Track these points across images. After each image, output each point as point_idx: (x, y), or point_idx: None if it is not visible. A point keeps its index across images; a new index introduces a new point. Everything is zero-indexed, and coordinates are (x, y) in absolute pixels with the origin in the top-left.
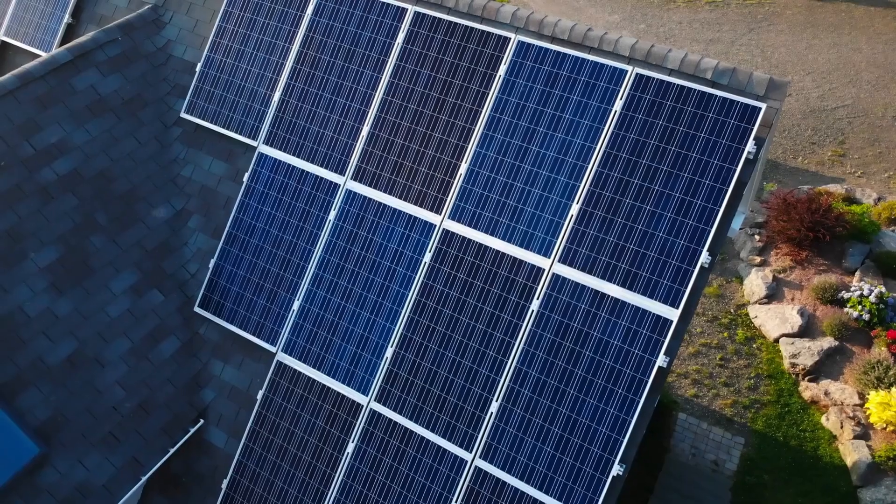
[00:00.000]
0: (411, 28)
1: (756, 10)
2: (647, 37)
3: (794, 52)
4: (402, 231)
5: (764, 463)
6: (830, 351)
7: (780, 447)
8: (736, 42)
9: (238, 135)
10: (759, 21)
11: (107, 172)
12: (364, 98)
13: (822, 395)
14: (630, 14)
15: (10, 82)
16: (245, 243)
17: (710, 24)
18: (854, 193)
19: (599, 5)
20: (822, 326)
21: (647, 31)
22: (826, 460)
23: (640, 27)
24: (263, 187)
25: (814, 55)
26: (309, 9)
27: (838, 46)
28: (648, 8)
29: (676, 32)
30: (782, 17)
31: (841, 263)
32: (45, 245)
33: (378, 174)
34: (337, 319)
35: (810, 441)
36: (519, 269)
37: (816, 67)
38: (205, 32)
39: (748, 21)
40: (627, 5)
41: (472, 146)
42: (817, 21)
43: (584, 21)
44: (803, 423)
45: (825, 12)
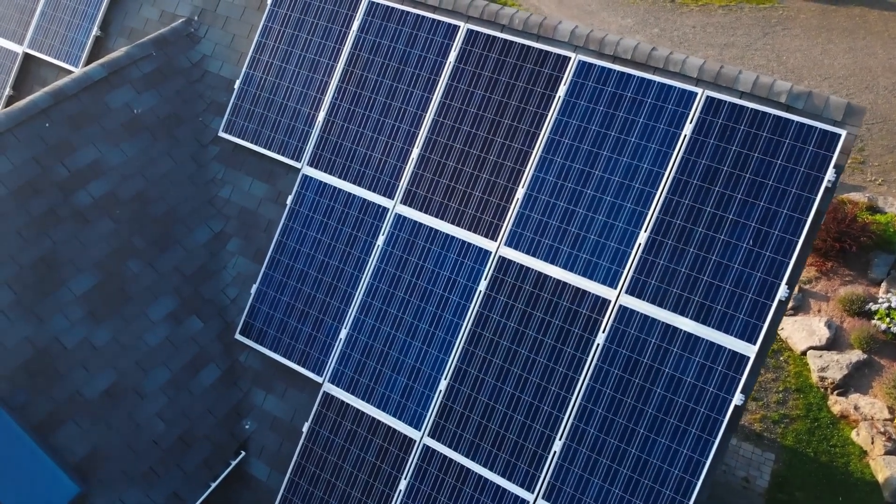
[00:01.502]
0: (464, 46)
1: (770, 13)
2: (661, 41)
3: (810, 58)
4: (455, 258)
5: (795, 479)
6: (859, 364)
7: (811, 463)
8: (751, 47)
9: (280, 155)
10: (773, 25)
11: (143, 194)
12: (414, 119)
13: (851, 409)
14: (643, 18)
15: (42, 100)
16: (289, 268)
17: (724, 28)
18: (877, 202)
19: (612, 9)
20: (850, 339)
21: (661, 35)
22: (857, 476)
23: (653, 31)
24: (308, 210)
25: (829, 60)
26: (354, 25)
27: (854, 51)
28: (661, 12)
29: (690, 37)
30: (796, 21)
31: (866, 274)
32: (81, 272)
33: (429, 198)
34: (387, 349)
35: (841, 457)
36: (582, 299)
37: (832, 73)
38: (242, 48)
39: (762, 25)
40: (640, 9)
41: (529, 170)
42: (831, 25)
43: (597, 25)
44: (833, 439)
45: (839, 16)
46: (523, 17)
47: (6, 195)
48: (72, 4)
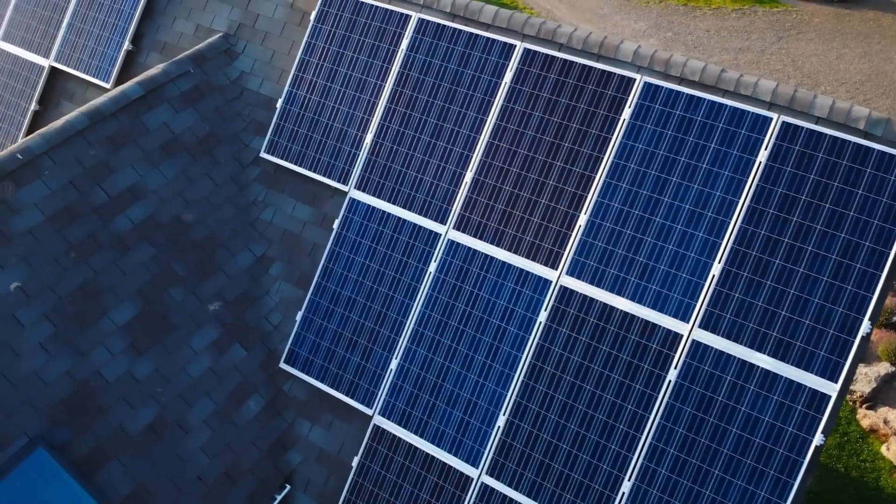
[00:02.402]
0: (520, 66)
1: (784, 17)
2: (674, 45)
3: (825, 62)
4: (513, 286)
5: (826, 495)
6: (888, 377)
7: (842, 479)
8: (766, 51)
9: (326, 178)
10: (787, 29)
11: (183, 218)
12: (467, 141)
13: (881, 423)
14: (656, 21)
15: (79, 121)
16: (336, 295)
17: (738, 32)
18: None
19: (625, 12)
20: (878, 351)
21: (675, 39)
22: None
23: (667, 35)
24: (355, 235)
25: (845, 65)
26: (403, 44)
27: (869, 56)
28: (674, 15)
29: (705, 41)
30: (810, 25)
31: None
32: (121, 301)
33: (484, 224)
34: (441, 381)
35: (871, 472)
36: (652, 333)
37: (849, 78)
38: (283, 65)
39: (776, 29)
40: (653, 13)
41: (592, 196)
42: (846, 30)
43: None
44: (863, 454)
45: (853, 21)
46: (582, 36)
47: (43, 222)
48: (101, 17)
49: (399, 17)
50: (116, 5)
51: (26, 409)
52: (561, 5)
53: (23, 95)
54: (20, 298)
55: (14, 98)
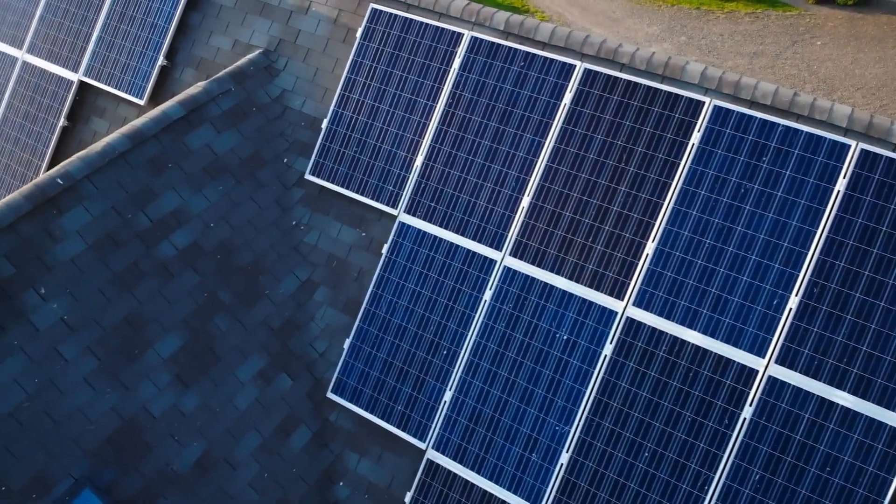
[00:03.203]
0: (580, 87)
1: (797, 21)
2: (688, 50)
3: (841, 67)
4: (575, 317)
5: None
6: None
7: None
8: (780, 56)
9: (373, 201)
10: (801, 33)
11: (228, 243)
12: (524, 165)
13: None
14: (669, 25)
15: (120, 143)
16: (385, 322)
17: (751, 36)
18: None
19: (637, 16)
20: None
21: (689, 43)
22: None
23: (680, 39)
24: (405, 261)
25: (861, 70)
26: (455, 63)
27: (884, 61)
28: (687, 19)
29: (718, 45)
30: (824, 29)
31: None
32: (167, 332)
33: (542, 251)
34: (498, 415)
35: None
36: (726, 368)
37: (864, 83)
38: (326, 83)
39: (790, 33)
40: (665, 16)
41: (660, 223)
42: (860, 34)
43: (623, 33)
44: None
45: (867, 25)
46: (645, 56)
47: (85, 250)
48: (133, 31)
49: (451, 36)
50: (150, 19)
51: (71, 449)
52: (572, 9)
53: (50, 111)
54: (63, 331)
55: (41, 113)
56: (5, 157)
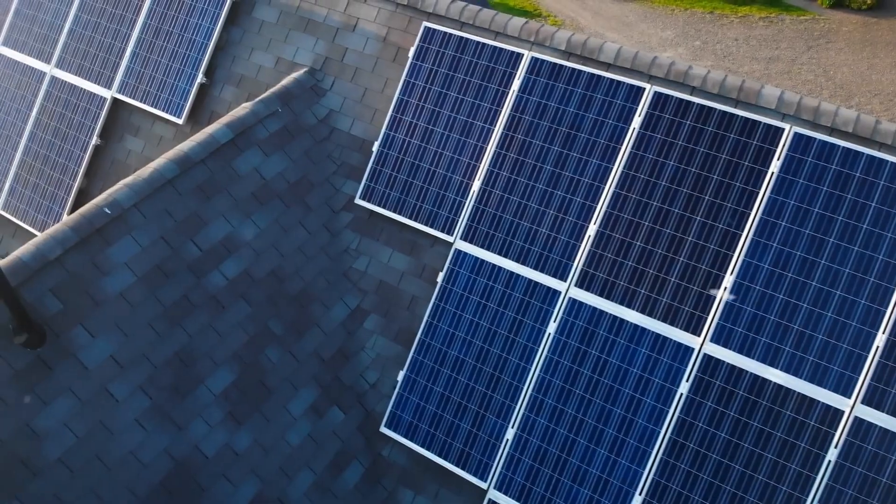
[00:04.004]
0: (650, 111)
1: (811, 26)
2: (703, 54)
3: (857, 73)
4: (647, 353)
5: None
6: None
7: None
8: (796, 61)
9: (427, 227)
10: (816, 38)
11: (278, 271)
12: (590, 191)
13: None
14: (683, 30)
15: (168, 169)
16: (441, 354)
17: (766, 41)
18: None
19: (650, 20)
20: None
21: (703, 48)
22: None
23: (695, 44)
24: (462, 290)
25: (877, 75)
26: (514, 85)
27: None
28: (701, 23)
29: (734, 50)
30: (839, 34)
31: None
32: (218, 366)
33: (611, 282)
34: (565, 455)
35: None
36: (809, 409)
37: (881, 89)
38: (376, 104)
39: (805, 38)
40: (679, 21)
41: (738, 255)
42: (875, 39)
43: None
44: None
45: (881, 30)
46: (718, 79)
47: (135, 283)
48: (170, 46)
49: (509, 56)
50: (187, 34)
51: (124, 495)
52: (585, 13)
53: (82, 128)
54: (113, 369)
55: (72, 131)
56: (34, 175)
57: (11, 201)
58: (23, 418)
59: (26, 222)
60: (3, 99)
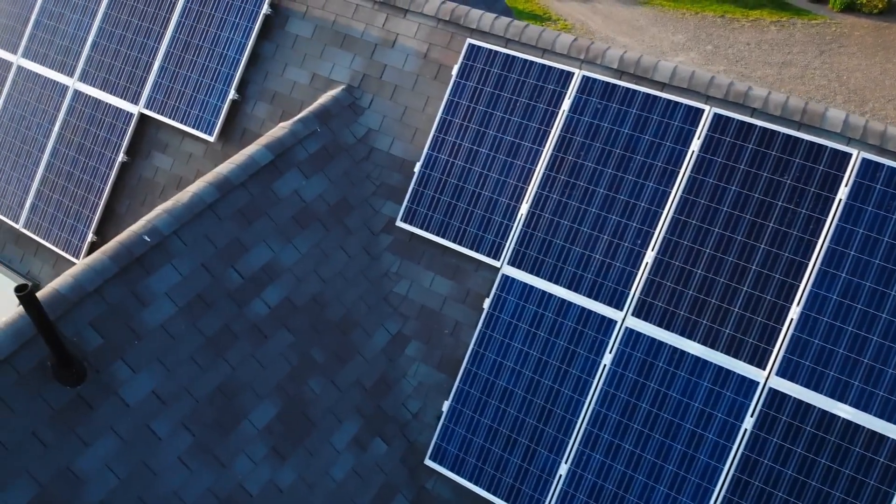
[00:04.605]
0: (710, 133)
1: (823, 30)
2: (715, 59)
3: (870, 78)
4: (710, 386)
5: None
6: None
7: None
8: (809, 66)
9: (472, 250)
10: (828, 43)
11: (319, 297)
12: (647, 216)
13: None
14: (694, 34)
15: (208, 193)
16: (488, 384)
17: (778, 45)
18: None
19: (661, 24)
20: None
21: (715, 52)
22: None
23: (706, 48)
24: (510, 317)
25: (891, 81)
26: (565, 104)
27: None
28: (713, 27)
29: (746, 55)
30: (851, 38)
31: None
32: (261, 399)
33: (670, 311)
34: (622, 492)
35: None
36: (880, 445)
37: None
38: (417, 123)
39: (817, 43)
40: (690, 24)
41: (805, 285)
42: (888, 43)
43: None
44: None
45: (893, 34)
46: (780, 101)
47: (176, 314)
48: (200, 61)
49: (559, 74)
50: (218, 49)
51: None
52: (595, 17)
53: (108, 145)
54: (155, 405)
55: (97, 147)
56: (57, 192)
57: (33, 218)
58: (63, 461)
59: (49, 241)
60: (23, 113)
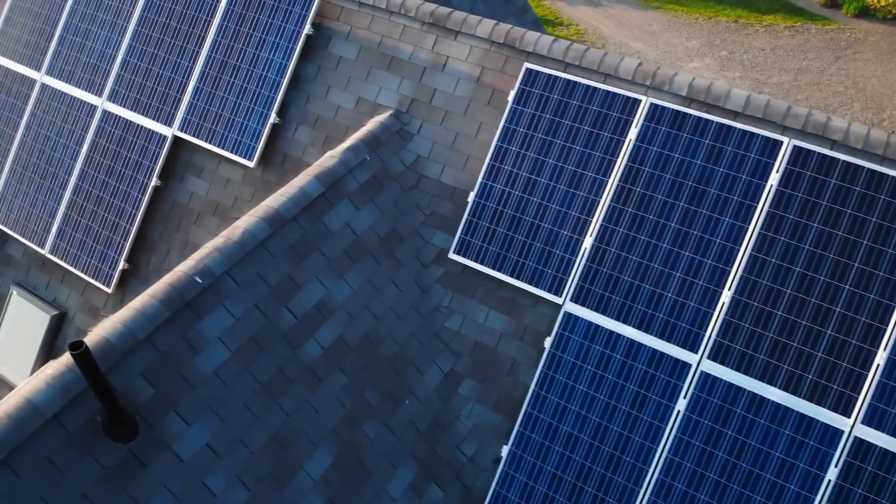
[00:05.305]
0: (789, 167)
1: (838, 35)
2: (731, 65)
3: (887, 84)
4: (791, 435)
5: None
6: None
7: None
8: (825, 72)
9: (531, 286)
10: (843, 48)
11: (371, 334)
12: (722, 253)
13: None
14: (708, 39)
15: (259, 229)
16: (551, 429)
17: (793, 51)
18: None
19: (675, 30)
20: None
21: (730, 58)
22: None
23: (721, 54)
24: (574, 358)
25: None
26: (632, 133)
27: None
28: (726, 33)
29: (761, 60)
30: (866, 44)
31: None
32: (316, 447)
33: (748, 355)
34: None
35: None
36: None
37: None
38: (468, 150)
39: (832, 48)
40: (704, 30)
41: (893, 329)
42: None
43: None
44: None
45: None
46: (861, 133)
47: (229, 359)
48: (237, 82)
49: (625, 102)
50: (257, 70)
51: None
52: (607, 21)
53: (140, 168)
54: (209, 459)
55: (128, 170)
56: (86, 217)
57: (60, 244)
58: None
59: (77, 267)
60: (48, 133)
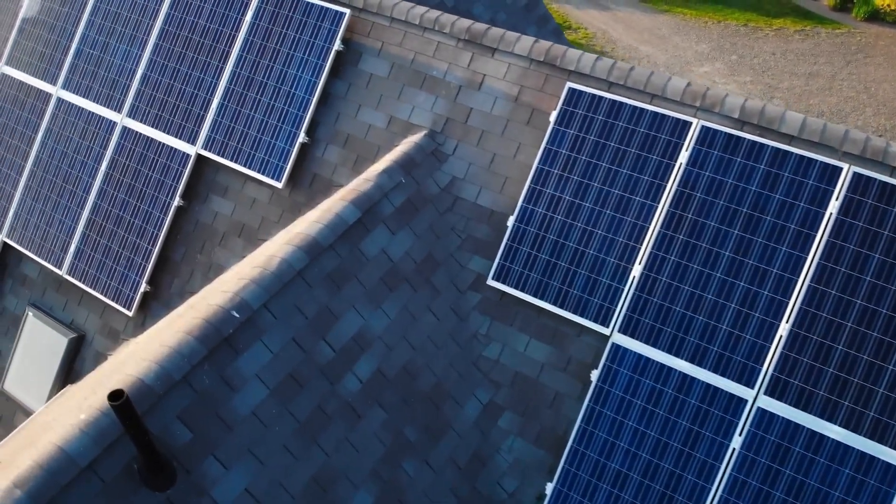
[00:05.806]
0: (848, 194)
1: (848, 39)
2: (741, 69)
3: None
4: (851, 474)
5: None
6: None
7: None
8: (836, 76)
9: (575, 315)
10: (853, 53)
11: (409, 365)
12: (779, 284)
13: None
14: (718, 43)
15: (297, 259)
16: (599, 466)
17: (804, 55)
18: None
19: (684, 34)
20: None
21: (740, 62)
22: None
23: (731, 58)
24: (622, 392)
25: None
26: (682, 157)
27: None
28: (736, 37)
29: (772, 65)
30: (876, 48)
31: None
32: (356, 488)
33: (808, 391)
34: None
35: None
36: None
37: None
38: (507, 171)
39: (843, 52)
40: (714, 34)
41: None
42: None
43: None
44: None
45: None
46: None
47: (267, 397)
48: (264, 100)
49: (674, 124)
50: (284, 87)
51: None
52: (616, 25)
53: (161, 187)
54: None
55: (149, 189)
56: (105, 237)
57: (78, 265)
58: None
59: (97, 289)
60: (65, 149)
